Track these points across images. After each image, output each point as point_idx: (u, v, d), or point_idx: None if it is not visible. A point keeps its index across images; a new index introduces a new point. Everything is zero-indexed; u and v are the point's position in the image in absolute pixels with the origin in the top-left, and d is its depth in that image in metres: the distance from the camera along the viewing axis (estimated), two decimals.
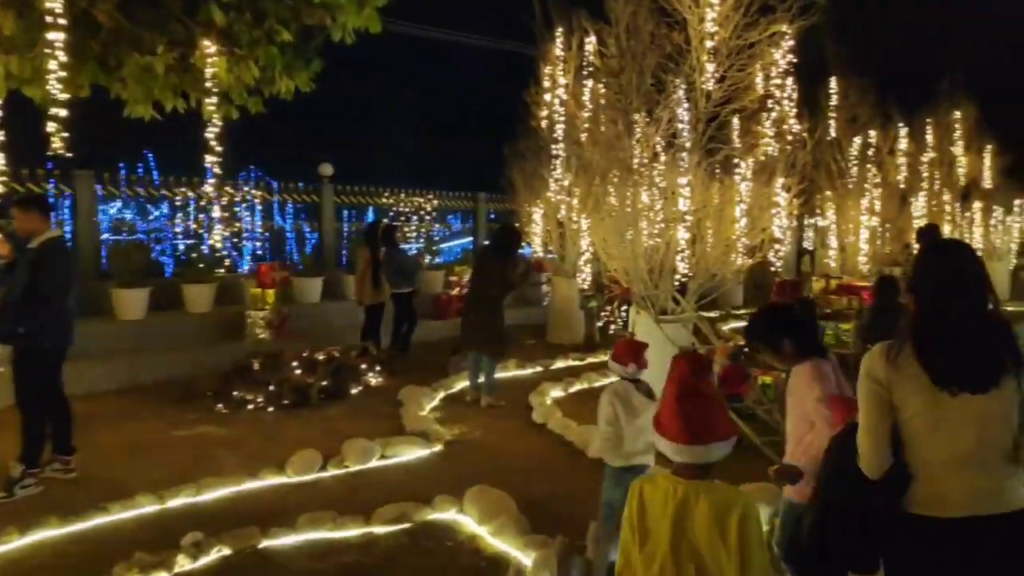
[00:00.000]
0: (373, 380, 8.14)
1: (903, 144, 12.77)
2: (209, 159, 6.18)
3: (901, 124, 12.75)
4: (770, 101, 6.53)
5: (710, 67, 5.94)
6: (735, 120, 6.86)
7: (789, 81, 6.41)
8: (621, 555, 2.22)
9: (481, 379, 7.36)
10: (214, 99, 5.99)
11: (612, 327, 10.62)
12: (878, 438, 2.20)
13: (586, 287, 9.80)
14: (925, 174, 14.49)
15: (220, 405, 7.07)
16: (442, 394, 7.71)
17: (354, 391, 7.73)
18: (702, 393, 2.19)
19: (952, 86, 15.87)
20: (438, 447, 5.92)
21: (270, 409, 7.05)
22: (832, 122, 12.30)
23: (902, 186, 12.67)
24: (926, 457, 2.18)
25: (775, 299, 9.88)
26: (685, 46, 6.11)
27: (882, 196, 12.13)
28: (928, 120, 14.95)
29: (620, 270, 6.74)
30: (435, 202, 14.00)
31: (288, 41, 5.84)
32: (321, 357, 7.95)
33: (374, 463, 5.56)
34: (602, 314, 10.39)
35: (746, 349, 4.47)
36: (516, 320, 12.92)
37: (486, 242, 12.05)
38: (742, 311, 15.51)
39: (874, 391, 2.21)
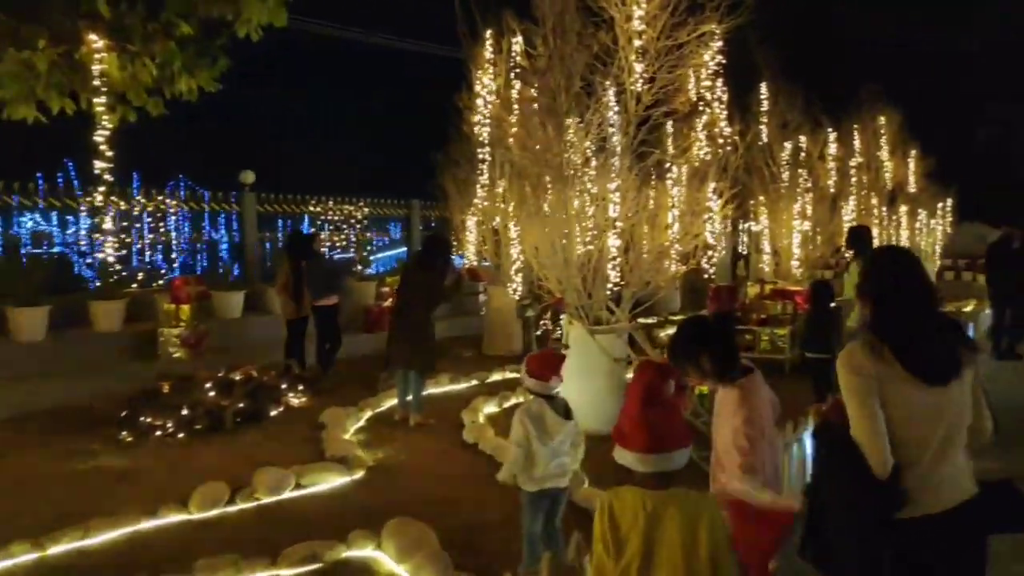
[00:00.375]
0: (295, 401, 7.66)
1: (832, 149, 12.93)
2: (99, 165, 5.65)
3: (830, 129, 12.90)
4: (701, 104, 6.37)
5: (639, 67, 5.72)
6: (668, 124, 6.68)
7: (719, 83, 6.26)
8: (594, 573, 2.18)
9: (410, 397, 6.98)
10: (104, 99, 5.46)
11: (551, 337, 10.37)
12: (880, 431, 2.19)
13: (520, 296, 9.51)
14: (854, 179, 14.75)
15: (124, 433, 6.48)
16: (369, 414, 7.29)
17: (274, 413, 7.24)
18: (665, 401, 2.19)
19: (874, 93, 16.28)
20: (359, 474, 5.51)
21: (180, 436, 6.51)
22: (764, 127, 12.34)
23: (832, 190, 12.81)
24: (910, 453, 2.21)
25: (711, 305, 9.83)
26: (613, 46, 5.89)
27: (813, 200, 12.24)
28: (855, 126, 15.25)
29: (552, 279, 6.47)
30: (366, 210, 13.53)
31: (189, 36, 5.38)
32: (238, 377, 7.42)
33: (288, 494, 5.11)
34: (540, 323, 10.13)
35: None
36: (452, 331, 12.60)
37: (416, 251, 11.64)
38: (679, 316, 15.55)
39: (866, 384, 2.20)
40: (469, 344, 11.57)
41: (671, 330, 13.36)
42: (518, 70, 6.84)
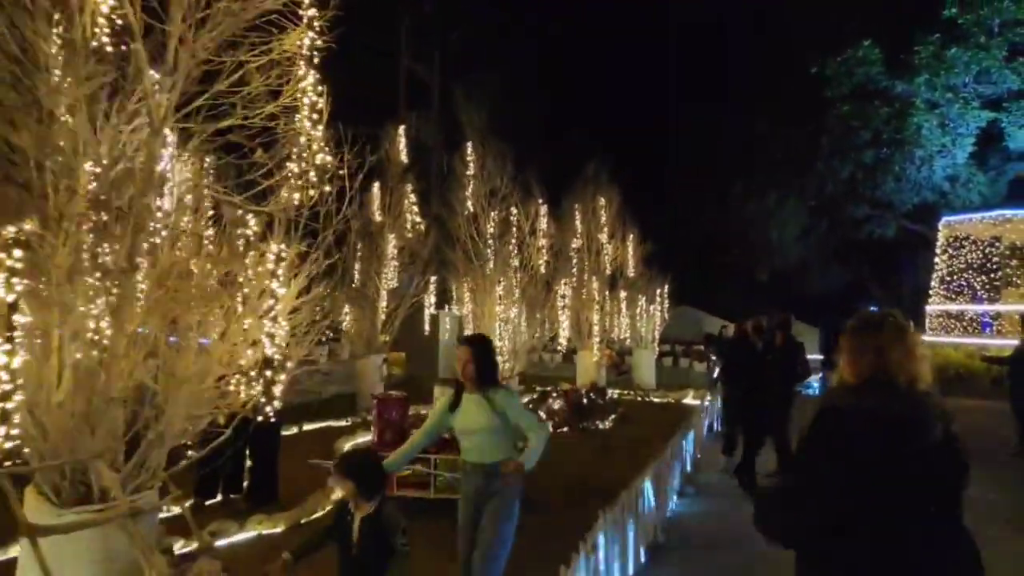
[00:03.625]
0: None
1: (544, 224, 11.26)
2: None
3: (541, 201, 11.25)
4: (295, 117, 3.76)
5: (105, 7, 2.95)
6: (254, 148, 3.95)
7: (313, 78, 3.70)
8: None
9: None
10: None
11: None
12: None
13: None
14: (575, 260, 13.49)
15: None
16: None
17: None
18: None
19: (596, 172, 15.47)
20: None
21: None
22: (469, 194, 10.36)
23: (543, 271, 11.05)
24: None
25: (377, 423, 7.14)
26: None
27: (522, 282, 10.32)
28: (577, 205, 14.18)
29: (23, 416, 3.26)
30: None
31: None
32: None
33: None
34: None
35: None
36: None
37: None
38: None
39: None
40: None
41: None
42: None
